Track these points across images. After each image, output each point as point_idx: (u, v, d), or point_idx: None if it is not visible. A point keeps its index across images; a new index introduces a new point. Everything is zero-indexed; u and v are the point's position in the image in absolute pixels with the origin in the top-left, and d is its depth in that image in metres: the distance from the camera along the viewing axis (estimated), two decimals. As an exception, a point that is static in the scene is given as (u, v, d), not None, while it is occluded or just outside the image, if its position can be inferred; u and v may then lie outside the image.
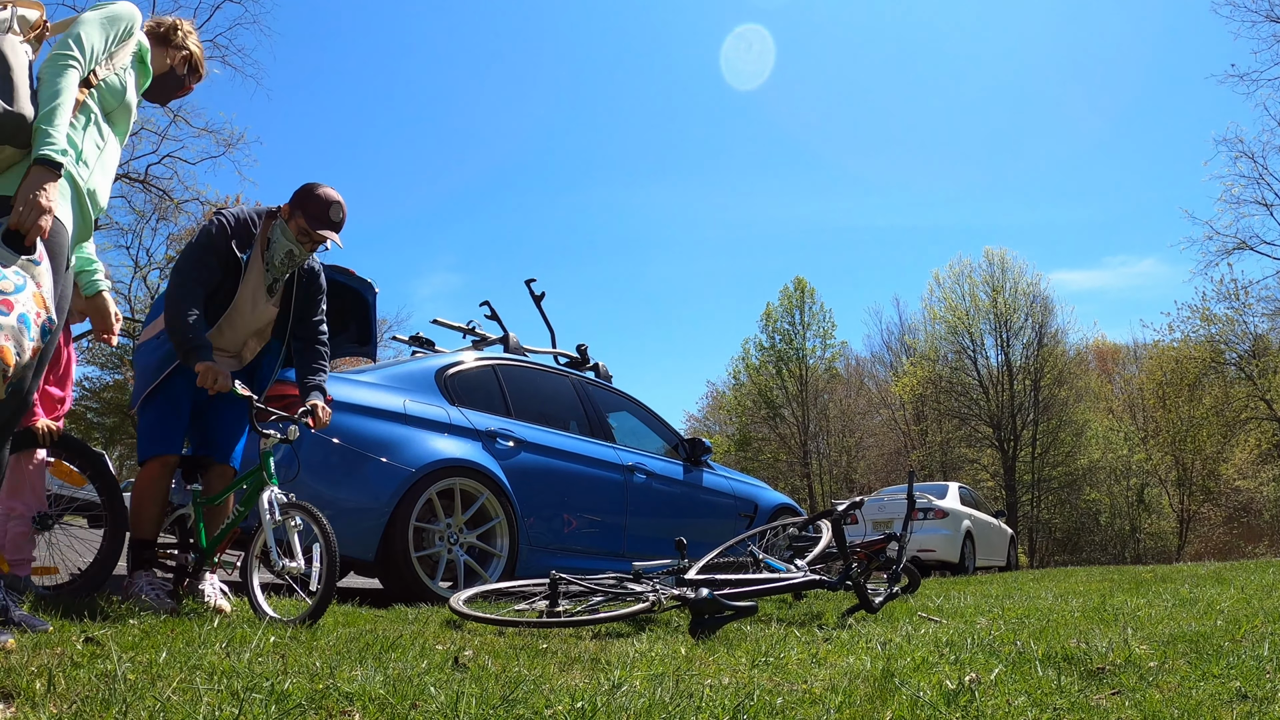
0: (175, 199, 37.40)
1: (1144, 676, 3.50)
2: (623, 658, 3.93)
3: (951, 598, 7.59)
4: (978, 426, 46.78)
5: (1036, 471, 45.15)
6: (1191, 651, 4.09)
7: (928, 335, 49.53)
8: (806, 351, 50.22)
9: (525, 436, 7.72)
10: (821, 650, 4.32)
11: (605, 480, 8.46)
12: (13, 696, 2.53)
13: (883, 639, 4.69)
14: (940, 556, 18.26)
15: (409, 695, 2.84)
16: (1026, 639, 4.54)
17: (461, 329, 9.71)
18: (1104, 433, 48.33)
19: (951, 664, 3.84)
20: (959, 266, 47.07)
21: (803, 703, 3.05)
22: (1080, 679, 3.50)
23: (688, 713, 2.81)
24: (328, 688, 2.85)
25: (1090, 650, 4.07)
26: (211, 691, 2.72)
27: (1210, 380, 39.82)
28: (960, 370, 47.47)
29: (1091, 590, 8.36)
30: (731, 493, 10.07)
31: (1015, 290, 45.74)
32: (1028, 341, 45.73)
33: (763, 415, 51.20)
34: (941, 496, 19.42)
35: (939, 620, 5.70)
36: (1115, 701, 3.09)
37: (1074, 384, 46.51)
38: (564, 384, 8.97)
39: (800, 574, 6.06)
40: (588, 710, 2.75)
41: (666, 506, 9.18)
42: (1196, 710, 2.93)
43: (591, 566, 7.51)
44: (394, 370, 7.45)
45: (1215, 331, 37.80)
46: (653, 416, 9.86)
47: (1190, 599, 6.83)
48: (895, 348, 55.88)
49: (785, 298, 50.74)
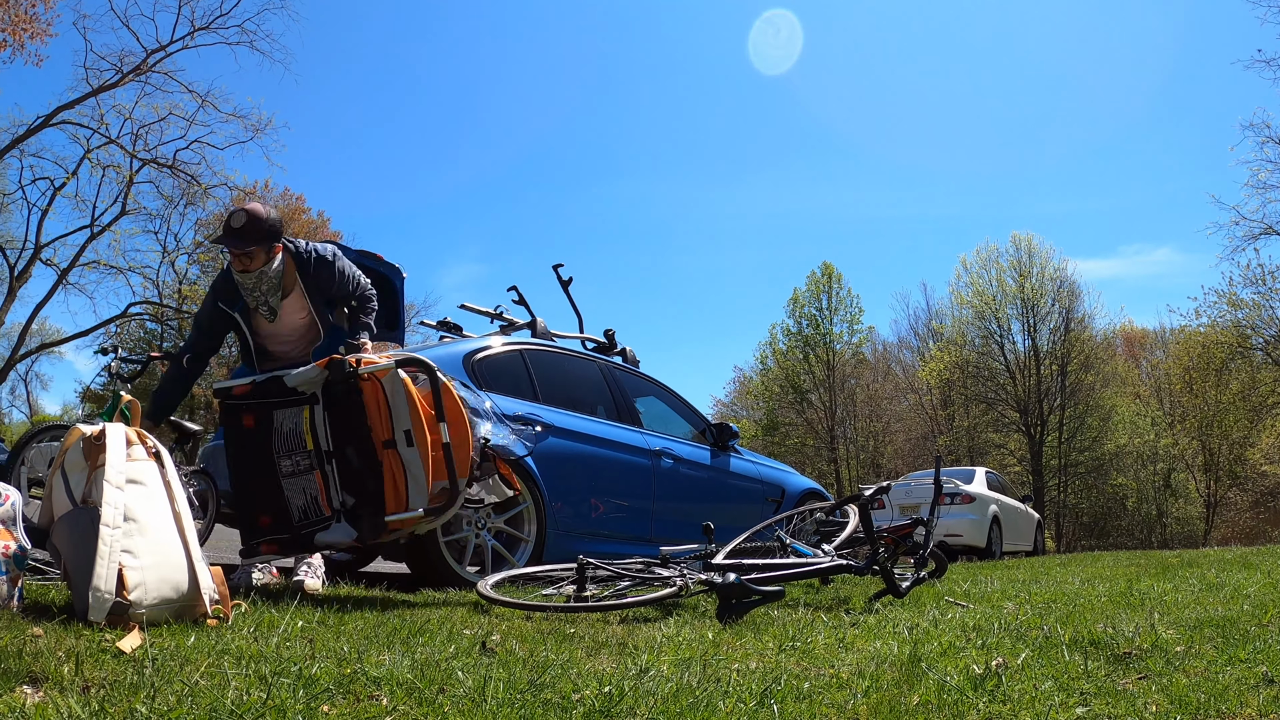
0: (203, 184, 37.68)
1: (1170, 661, 3.49)
2: (650, 642, 3.94)
3: (978, 582, 7.58)
4: (1005, 411, 46.63)
5: (1063, 456, 45.00)
6: (1218, 636, 4.08)
7: (955, 320, 49.40)
8: (834, 337, 50.04)
9: (553, 421, 7.71)
10: (848, 635, 4.32)
11: (633, 465, 8.46)
12: (40, 681, 2.54)
13: (910, 624, 4.68)
14: (967, 541, 18.20)
15: (436, 680, 2.86)
16: (1053, 624, 4.52)
17: (489, 314, 9.70)
18: (1131, 418, 48.12)
19: (978, 649, 3.84)
20: (986, 252, 46.90)
21: (830, 687, 3.06)
22: (1107, 663, 3.49)
23: (715, 698, 2.82)
24: (355, 672, 2.86)
25: (1117, 635, 4.06)
26: (239, 676, 2.74)
27: (1237, 365, 39.64)
28: (987, 355, 47.33)
29: (1118, 575, 8.33)
30: (759, 478, 10.06)
31: (1042, 275, 45.51)
32: (1055, 326, 45.51)
33: (790, 400, 51.10)
34: (968, 481, 19.34)
35: (966, 605, 5.69)
36: (1142, 686, 3.09)
37: (1101, 369, 46.29)
38: (591, 369, 8.96)
39: (827, 559, 6.05)
40: (615, 695, 2.76)
41: (694, 491, 9.17)
42: (1223, 695, 2.92)
43: (619, 551, 7.49)
44: (422, 354, 7.45)
45: (1242, 316, 37.61)
46: (680, 401, 9.84)
47: (1217, 584, 6.80)
48: (922, 333, 55.74)
49: (812, 283, 50.58)
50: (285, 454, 5.38)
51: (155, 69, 35.12)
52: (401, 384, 5.27)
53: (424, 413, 5.27)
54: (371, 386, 5.28)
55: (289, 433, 5.38)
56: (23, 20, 27.34)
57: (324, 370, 5.31)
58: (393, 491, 5.22)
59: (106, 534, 3.60)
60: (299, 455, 5.35)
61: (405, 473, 5.22)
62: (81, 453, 3.98)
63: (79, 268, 39.18)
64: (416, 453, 5.21)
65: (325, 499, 5.31)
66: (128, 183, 37.76)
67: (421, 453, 5.20)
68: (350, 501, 5.29)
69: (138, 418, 4.37)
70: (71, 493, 3.92)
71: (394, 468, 5.23)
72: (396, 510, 5.19)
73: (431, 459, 5.19)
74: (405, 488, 5.22)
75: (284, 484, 5.36)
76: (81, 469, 3.95)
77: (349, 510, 5.28)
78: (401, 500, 5.21)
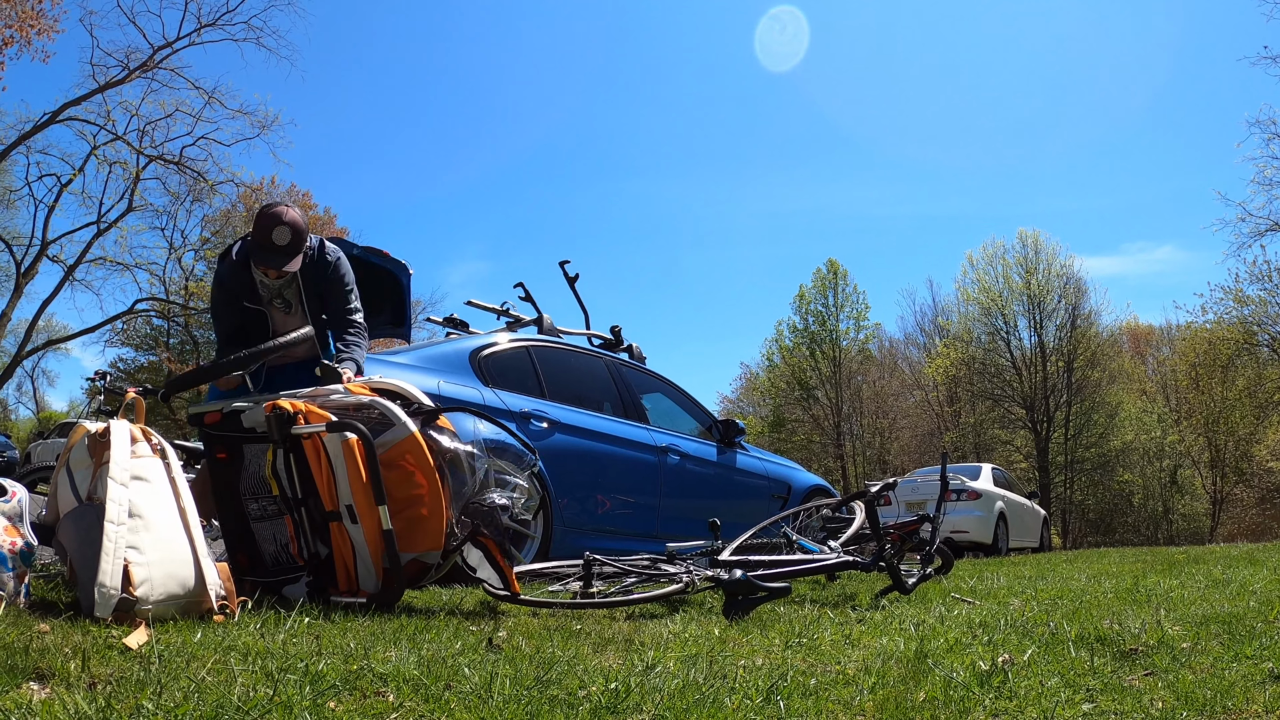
0: (210, 181, 37.65)
1: (1177, 657, 3.49)
2: (656, 639, 3.94)
3: (985, 579, 7.57)
4: (1011, 408, 46.67)
5: (1069, 453, 45.04)
6: (1224, 633, 4.08)
7: (961, 317, 49.46)
8: (840, 333, 50.01)
9: (559, 418, 7.71)
10: (855, 631, 4.32)
11: (639, 461, 8.47)
12: (47, 677, 2.54)
13: (916, 620, 4.69)
14: (973, 538, 18.21)
15: (443, 676, 2.86)
16: (1060, 620, 4.52)
17: (495, 310, 9.72)
18: (1137, 414, 48.16)
19: (985, 645, 3.84)
20: (992, 248, 46.95)
21: (836, 683, 3.06)
22: (1113, 660, 3.49)
23: (721, 694, 2.82)
24: (362, 669, 2.86)
25: (1123, 631, 4.05)
26: (246, 672, 2.74)
27: (1243, 362, 39.62)
28: (994, 352, 47.34)
29: (1124, 571, 8.33)
30: (765, 474, 10.06)
31: (1049, 272, 45.58)
32: (1061, 323, 45.60)
33: (796, 397, 51.08)
34: (975, 478, 19.36)
35: (972, 601, 5.69)
36: (1148, 682, 3.09)
37: (1107, 365, 46.32)
38: (598, 365, 8.96)
39: (834, 555, 6.05)
40: (621, 691, 2.76)
41: (700, 488, 9.18)
42: (1229, 691, 2.92)
43: (625, 548, 7.50)
44: (428, 351, 7.46)
45: (1248, 313, 37.61)
46: (686, 398, 9.84)
47: (1223, 580, 6.79)
48: (929, 329, 55.74)
49: (818, 279, 50.55)
50: (252, 496, 4.77)
51: (162, 65, 35.19)
52: (342, 451, 4.50)
53: (363, 487, 4.50)
54: (313, 445, 4.54)
55: (254, 473, 4.76)
56: (30, 16, 27.35)
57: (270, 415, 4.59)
58: (342, 569, 4.60)
59: (111, 530, 3.60)
60: (265, 500, 4.73)
61: (354, 552, 4.56)
62: (86, 450, 3.98)
63: (85, 264, 39.28)
64: (361, 531, 4.52)
65: (296, 548, 4.69)
66: (134, 179, 37.80)
67: (368, 533, 4.51)
68: (324, 552, 4.63)
69: (142, 415, 4.35)
70: (76, 489, 3.92)
71: (340, 543, 4.58)
72: (347, 589, 4.59)
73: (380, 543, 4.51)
74: (354, 569, 4.58)
75: (254, 527, 4.79)
76: (86, 466, 3.95)
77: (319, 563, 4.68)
78: (352, 580, 4.59)
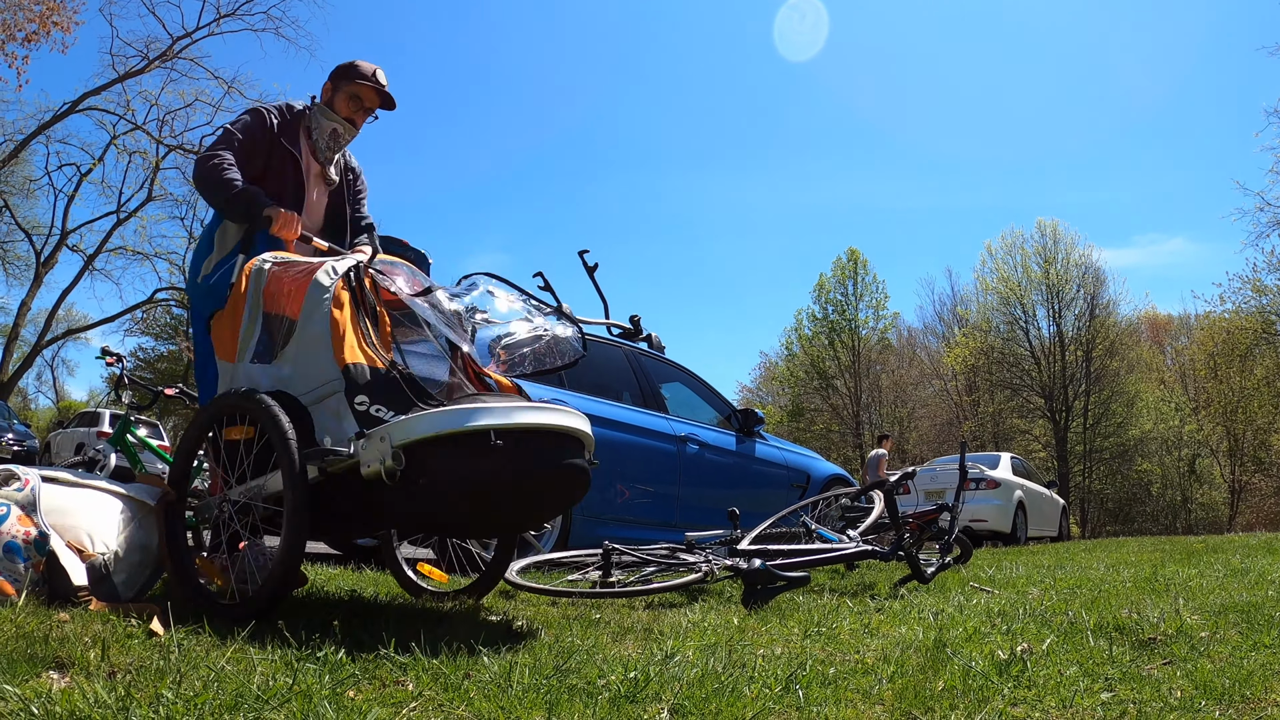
0: (230, 170, 37.52)
1: (1195, 646, 3.49)
2: (675, 628, 3.95)
3: (1003, 568, 7.57)
4: (1029, 397, 46.51)
5: (1088, 442, 44.87)
6: (1243, 622, 4.08)
7: (980, 306, 49.31)
8: (859, 322, 49.86)
9: (578, 407, 7.69)
10: (874, 620, 4.33)
11: (658, 451, 8.46)
12: (67, 666, 2.56)
13: (935, 609, 4.69)
14: (992, 527, 18.21)
15: (463, 665, 2.87)
16: (1078, 609, 4.52)
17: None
18: (1155, 403, 47.92)
19: (1003, 634, 3.84)
20: (1011, 238, 46.78)
21: (855, 673, 3.06)
22: (1132, 649, 3.49)
23: (740, 683, 2.83)
24: (381, 657, 2.88)
25: (1142, 620, 4.05)
26: (265, 661, 2.76)
27: (1262, 351, 39.49)
28: (1012, 341, 47.18)
29: (1143, 561, 8.32)
30: (784, 463, 10.05)
31: (1067, 261, 45.39)
32: (1079, 312, 45.40)
33: (815, 386, 50.99)
34: (993, 467, 19.35)
35: (991, 591, 5.69)
36: (1167, 671, 3.08)
37: (1126, 355, 46.18)
38: (617, 355, 8.94)
39: (853, 544, 6.06)
40: (640, 680, 2.77)
41: (719, 477, 9.17)
42: (1248, 680, 2.91)
43: (644, 537, 7.50)
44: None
45: (1267, 303, 37.42)
46: (705, 387, 9.83)
47: (1241, 569, 6.79)
48: (948, 319, 55.47)
49: (838, 269, 50.43)
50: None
51: (181, 55, 35.14)
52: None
53: None
54: None
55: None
56: (52, 9, 27.35)
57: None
58: None
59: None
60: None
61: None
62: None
63: (105, 254, 39.51)
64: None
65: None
66: (154, 169, 37.90)
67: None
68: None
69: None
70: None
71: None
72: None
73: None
74: None
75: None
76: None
77: None
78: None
